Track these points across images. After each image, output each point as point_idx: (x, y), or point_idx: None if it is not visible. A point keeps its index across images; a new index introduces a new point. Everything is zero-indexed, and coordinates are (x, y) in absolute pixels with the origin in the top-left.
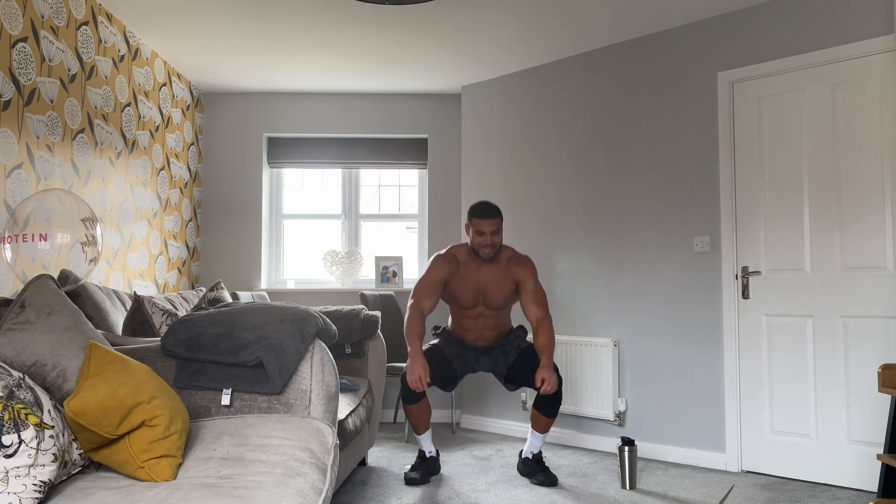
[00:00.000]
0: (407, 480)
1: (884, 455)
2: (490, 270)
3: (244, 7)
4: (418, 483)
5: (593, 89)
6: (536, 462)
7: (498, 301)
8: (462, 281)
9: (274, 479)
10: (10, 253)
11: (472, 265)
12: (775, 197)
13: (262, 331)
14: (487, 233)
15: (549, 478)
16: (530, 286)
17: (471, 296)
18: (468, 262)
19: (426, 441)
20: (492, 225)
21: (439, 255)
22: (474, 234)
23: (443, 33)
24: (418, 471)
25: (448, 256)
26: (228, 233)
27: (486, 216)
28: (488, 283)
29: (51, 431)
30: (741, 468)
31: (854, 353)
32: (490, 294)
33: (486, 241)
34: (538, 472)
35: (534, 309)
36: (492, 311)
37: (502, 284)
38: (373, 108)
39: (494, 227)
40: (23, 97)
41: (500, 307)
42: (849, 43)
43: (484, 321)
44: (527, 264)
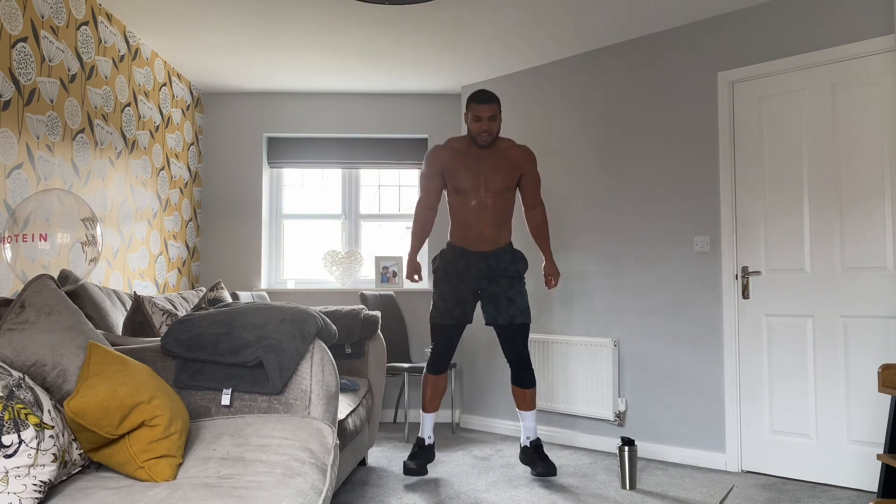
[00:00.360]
0: (406, 470)
1: (884, 455)
2: (490, 155)
3: (244, 7)
4: (417, 473)
5: (593, 89)
6: (535, 450)
7: (498, 183)
8: (461, 166)
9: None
10: (10, 253)
11: (470, 151)
12: (775, 197)
13: (262, 331)
14: (485, 118)
15: (548, 467)
16: (534, 175)
17: (471, 179)
18: (467, 149)
19: (429, 423)
20: (489, 110)
21: (436, 146)
22: (472, 120)
23: (443, 33)
24: (416, 459)
25: (443, 146)
26: (228, 233)
27: (484, 101)
28: (488, 166)
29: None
30: (741, 468)
31: (854, 353)
32: (489, 177)
33: (483, 126)
34: (537, 462)
35: (531, 198)
36: (492, 195)
37: (502, 167)
38: (373, 108)
39: (491, 113)
40: (23, 97)
41: (500, 190)
42: (849, 43)
43: (485, 211)
44: (527, 151)
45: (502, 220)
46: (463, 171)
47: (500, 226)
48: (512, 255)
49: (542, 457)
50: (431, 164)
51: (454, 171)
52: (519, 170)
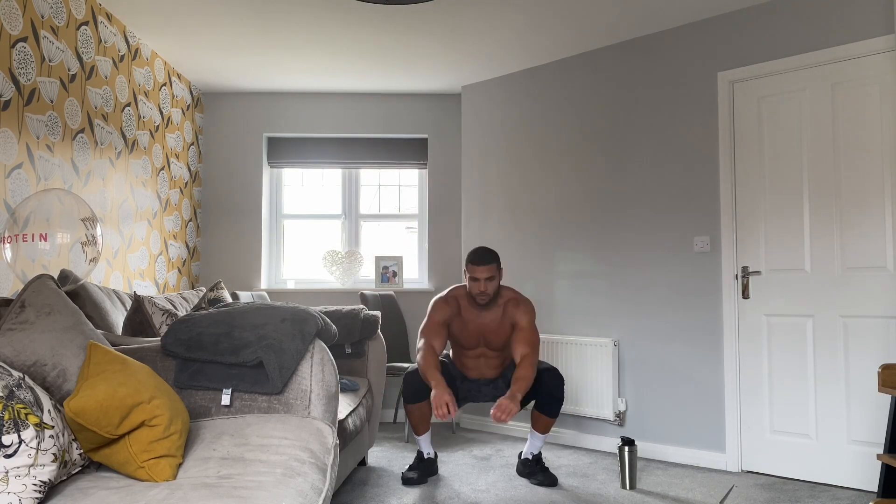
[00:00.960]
0: (404, 480)
1: (884, 455)
2: (490, 313)
3: (244, 7)
4: (415, 483)
5: (593, 89)
6: (536, 462)
7: (499, 343)
8: (463, 324)
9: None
10: (10, 253)
11: (472, 308)
12: (775, 197)
13: (262, 331)
14: (481, 279)
15: (548, 478)
16: (525, 325)
17: (472, 338)
18: (468, 306)
19: (425, 442)
20: (485, 272)
21: (440, 298)
22: (470, 280)
23: (443, 33)
24: (416, 471)
25: (448, 298)
26: (228, 233)
27: (480, 263)
28: (488, 326)
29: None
30: (741, 468)
31: (854, 353)
32: (490, 337)
33: (480, 287)
34: (538, 473)
35: (521, 347)
36: (493, 351)
37: (502, 327)
38: (373, 108)
39: (489, 274)
40: (23, 97)
41: (500, 348)
42: (849, 43)
43: (486, 360)
44: (525, 306)
45: (504, 359)
46: (464, 329)
47: (502, 364)
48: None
49: (543, 469)
50: (440, 314)
51: (457, 329)
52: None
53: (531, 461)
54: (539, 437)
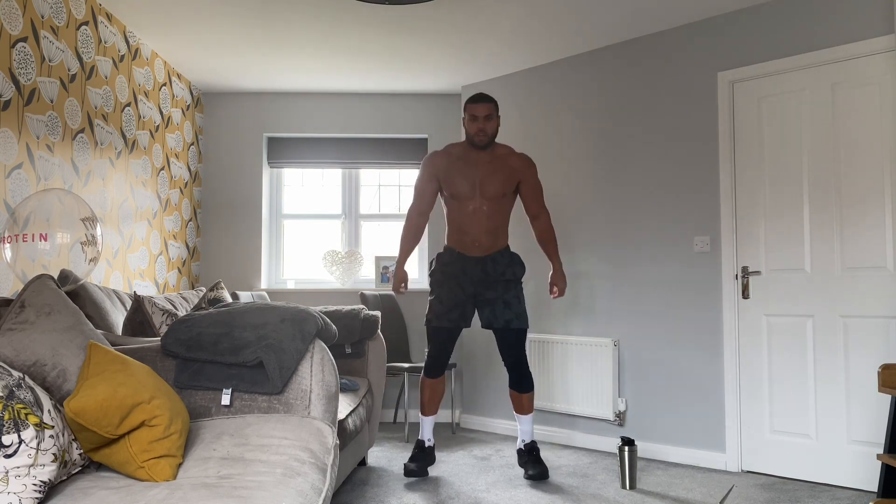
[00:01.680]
0: (406, 471)
1: (884, 455)
2: (487, 160)
3: (244, 7)
4: (417, 475)
5: (593, 89)
6: (529, 452)
7: (494, 189)
8: (458, 171)
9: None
10: (10, 253)
11: (468, 157)
12: (775, 197)
13: (262, 331)
14: (480, 117)
15: (539, 470)
16: (534, 182)
17: (467, 185)
18: (464, 155)
19: (429, 427)
20: (485, 109)
21: (433, 151)
22: (469, 120)
23: (443, 33)
24: (417, 461)
25: (440, 151)
26: (228, 233)
27: (479, 101)
28: (485, 171)
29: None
30: (741, 468)
31: (854, 353)
32: (486, 182)
33: (479, 125)
34: (530, 464)
35: (535, 207)
36: (488, 201)
37: (499, 173)
38: (373, 108)
39: (487, 112)
40: (23, 97)
41: (496, 196)
42: (849, 43)
43: (480, 218)
44: (525, 158)
45: (499, 225)
46: (459, 176)
47: (496, 231)
48: (509, 259)
49: (537, 460)
50: (427, 169)
51: (450, 177)
52: (517, 177)
53: (524, 451)
54: (525, 419)
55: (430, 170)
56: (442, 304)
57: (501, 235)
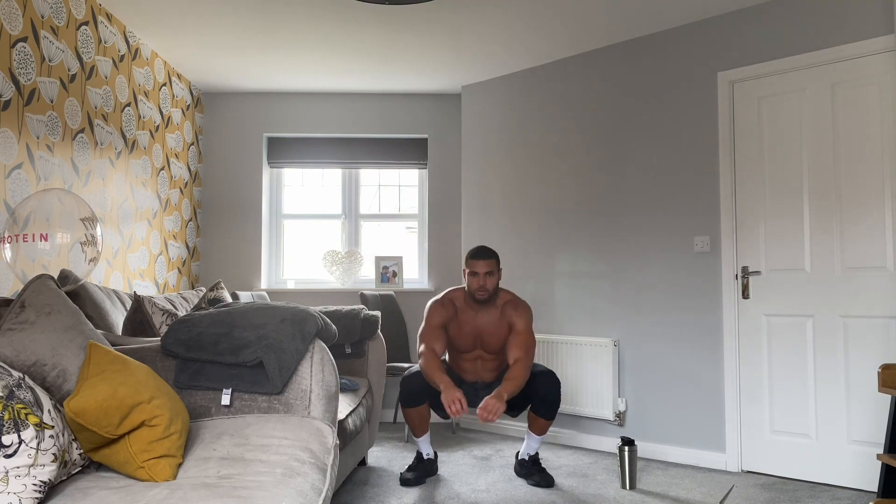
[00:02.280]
0: (402, 481)
1: (884, 455)
2: (487, 315)
3: (244, 7)
4: (413, 484)
5: (593, 89)
6: (533, 463)
7: (495, 346)
8: (459, 326)
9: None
10: (10, 253)
11: (469, 310)
12: (775, 197)
13: (262, 331)
14: (481, 273)
15: (545, 479)
16: (521, 329)
17: (468, 340)
18: (465, 308)
19: (424, 443)
20: (485, 266)
21: (436, 301)
22: (469, 275)
23: (443, 33)
24: (414, 471)
25: (444, 301)
26: (228, 233)
27: (480, 257)
28: (485, 327)
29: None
30: (741, 468)
31: (854, 353)
32: (487, 339)
33: (479, 282)
34: (535, 473)
35: (516, 351)
36: (490, 354)
37: (499, 329)
38: (373, 108)
39: (488, 269)
40: (23, 97)
41: (497, 351)
42: (849, 43)
43: (482, 363)
44: (522, 309)
45: (500, 363)
46: (460, 333)
47: (498, 368)
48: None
49: (540, 469)
50: (437, 317)
51: (453, 331)
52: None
53: (528, 462)
54: (536, 438)
55: (439, 318)
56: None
57: (503, 366)
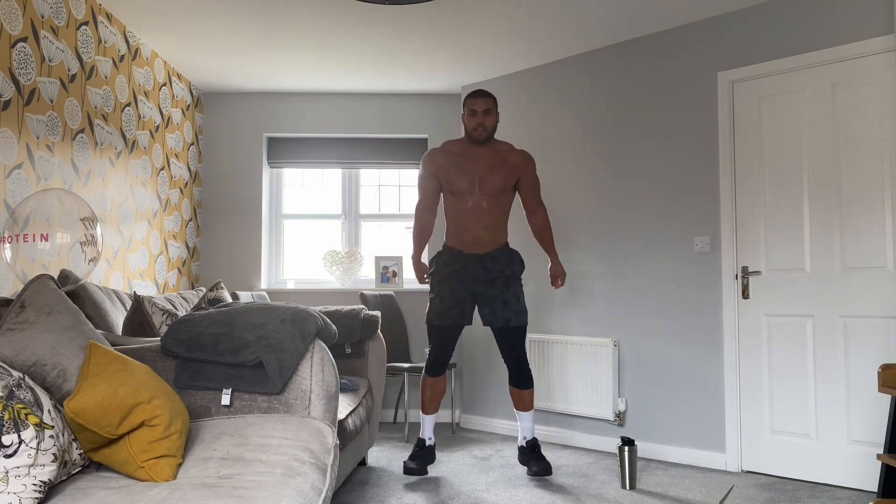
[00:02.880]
0: (406, 470)
1: (884, 455)
2: (486, 157)
3: (244, 7)
4: (417, 473)
5: (593, 89)
6: (532, 449)
7: (494, 185)
8: (456, 168)
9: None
10: (10, 253)
11: (467, 153)
12: (775, 197)
13: (262, 331)
14: (479, 111)
15: (543, 467)
16: (532, 177)
17: (466, 181)
18: (463, 151)
19: (429, 425)
20: (484, 104)
21: (431, 149)
22: (468, 115)
23: (443, 33)
24: (417, 460)
25: (438, 148)
26: (228, 233)
27: (478, 96)
28: (484, 167)
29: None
30: (741, 468)
31: (854, 353)
32: (486, 179)
33: (478, 119)
34: (533, 461)
35: (533, 203)
36: (488, 197)
37: (499, 169)
38: (373, 108)
39: (486, 106)
40: (23, 97)
41: (495, 192)
42: (849, 43)
43: (480, 214)
44: (525, 155)
45: (498, 222)
46: (458, 173)
47: (495, 228)
48: (508, 257)
49: (539, 456)
50: (427, 167)
51: (449, 174)
52: (516, 173)
53: (526, 448)
54: (526, 416)
55: (430, 168)
56: (442, 302)
57: (501, 232)
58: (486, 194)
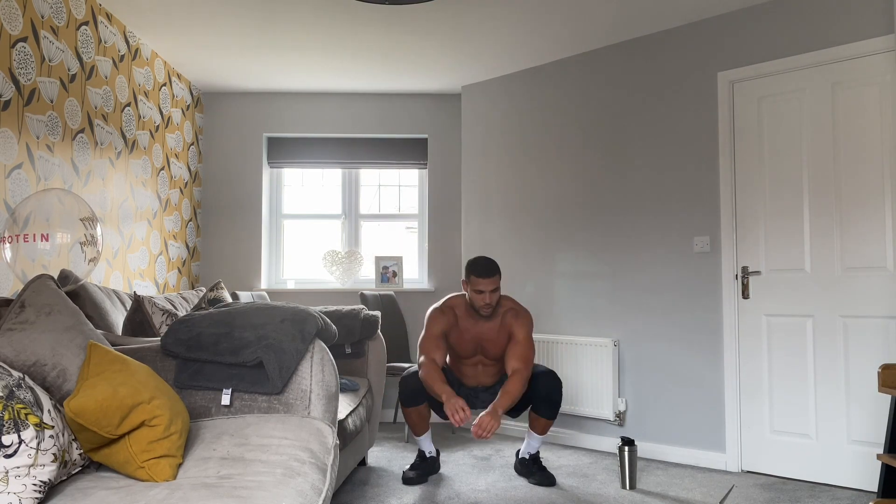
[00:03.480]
0: (404, 479)
1: (884, 455)
2: (488, 323)
3: (244, 7)
4: (415, 482)
5: (593, 89)
6: (534, 462)
7: (495, 353)
8: (460, 334)
9: (274, 479)
10: (10, 253)
11: (469, 318)
12: (775, 197)
13: (262, 331)
14: (487, 291)
15: (546, 478)
16: (521, 339)
17: (469, 347)
18: (466, 316)
19: (426, 441)
20: (491, 284)
21: (436, 309)
22: (473, 292)
23: (443, 33)
24: (417, 470)
25: (445, 309)
26: (228, 233)
27: (486, 275)
28: (486, 336)
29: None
30: (741, 468)
31: (854, 353)
32: (488, 347)
33: (485, 299)
34: (536, 472)
35: (514, 362)
36: (490, 360)
37: (499, 336)
38: (373, 108)
39: (494, 286)
40: (23, 97)
41: (497, 358)
42: (849, 43)
43: (483, 368)
44: (523, 318)
45: (500, 370)
46: (462, 341)
47: (499, 373)
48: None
49: (541, 468)
50: (435, 327)
51: (452, 338)
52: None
53: (528, 461)
54: (536, 437)
55: (440, 326)
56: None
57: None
58: (489, 359)
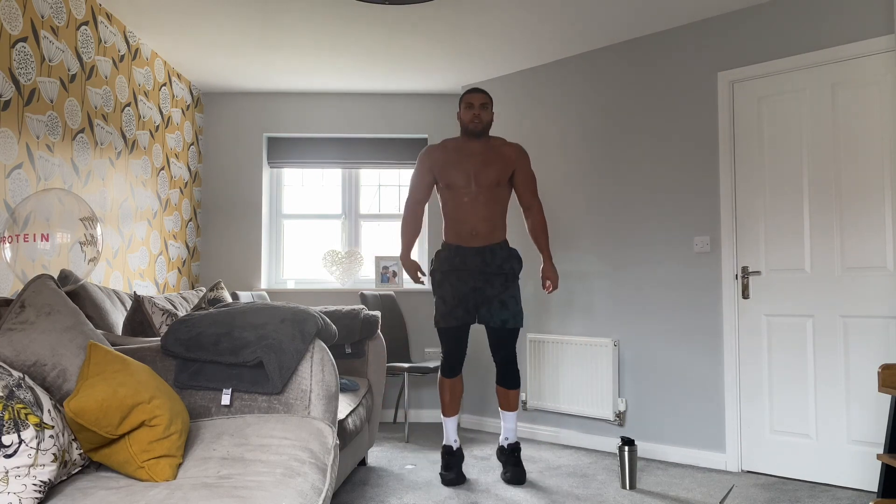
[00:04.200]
0: (445, 481)
1: (884, 455)
2: (481, 151)
3: (244, 7)
4: (457, 483)
5: (593, 89)
6: (511, 452)
7: (489, 178)
8: (452, 162)
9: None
10: (10, 253)
11: (462, 148)
12: (775, 197)
13: (262, 331)
14: (476, 104)
15: (517, 474)
16: (527, 170)
17: (462, 175)
18: (459, 146)
19: (452, 427)
20: (480, 98)
21: (427, 147)
22: (464, 110)
23: (443, 33)
24: (453, 470)
25: (436, 145)
26: (228, 233)
27: (475, 92)
28: (479, 161)
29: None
30: (741, 468)
31: (854, 353)
32: (481, 172)
33: (474, 112)
34: (509, 467)
35: (528, 198)
36: (483, 190)
37: (494, 163)
38: (373, 108)
39: (482, 101)
40: (23, 97)
41: (491, 185)
42: (849, 43)
43: (477, 207)
44: (520, 149)
45: (495, 215)
46: (454, 167)
47: (493, 221)
48: (507, 253)
49: (516, 462)
50: (423, 163)
51: (445, 168)
52: (511, 166)
53: (506, 450)
54: (510, 416)
55: (426, 163)
56: (446, 303)
57: (499, 227)
58: (482, 187)
